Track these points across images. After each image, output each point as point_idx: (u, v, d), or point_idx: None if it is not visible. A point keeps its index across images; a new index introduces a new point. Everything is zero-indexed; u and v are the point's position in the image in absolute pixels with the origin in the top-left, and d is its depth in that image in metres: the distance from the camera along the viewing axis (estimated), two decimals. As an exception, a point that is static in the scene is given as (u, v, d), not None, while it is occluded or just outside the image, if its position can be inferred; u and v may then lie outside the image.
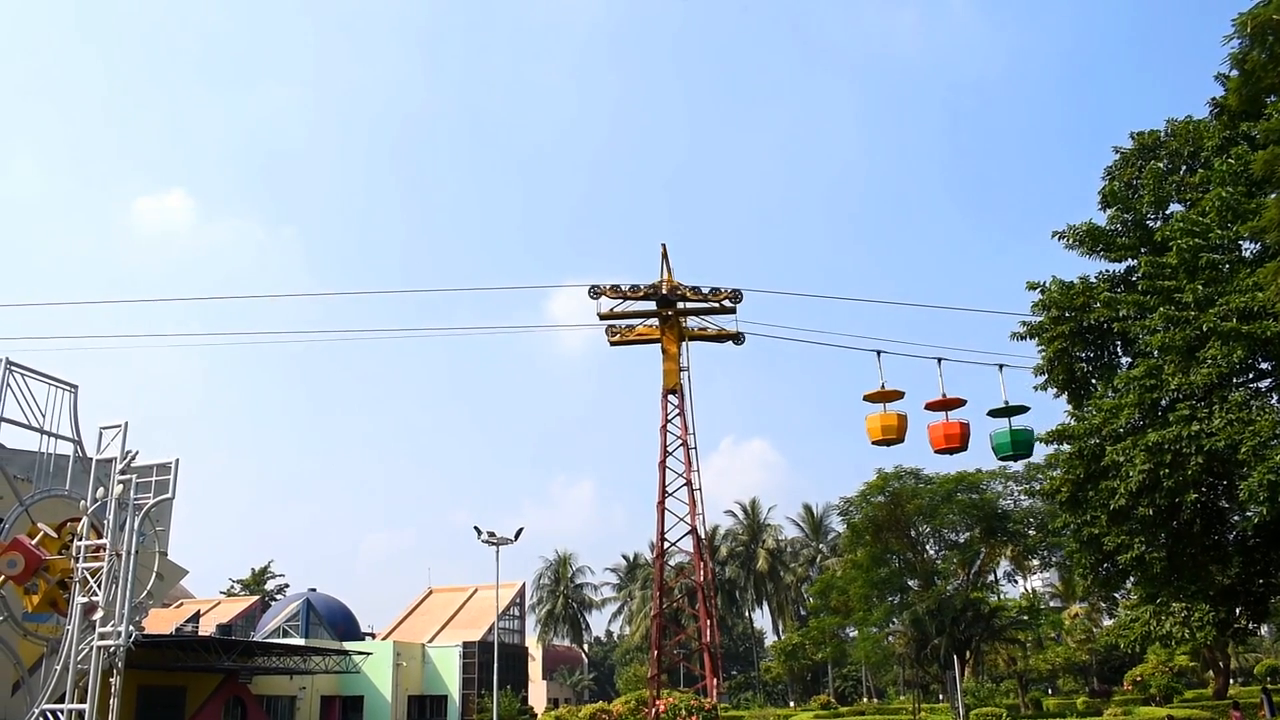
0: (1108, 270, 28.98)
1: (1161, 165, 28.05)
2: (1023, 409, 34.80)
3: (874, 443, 35.80)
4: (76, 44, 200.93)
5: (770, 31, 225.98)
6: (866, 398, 35.63)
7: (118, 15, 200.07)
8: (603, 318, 39.24)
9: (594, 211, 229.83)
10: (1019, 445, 34.41)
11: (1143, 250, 27.28)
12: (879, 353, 35.07)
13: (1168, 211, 27.84)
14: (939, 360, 34.93)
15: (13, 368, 25.84)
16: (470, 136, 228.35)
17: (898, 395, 35.45)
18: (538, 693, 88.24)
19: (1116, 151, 29.70)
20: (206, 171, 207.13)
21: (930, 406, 35.34)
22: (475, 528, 43.98)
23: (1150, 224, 27.96)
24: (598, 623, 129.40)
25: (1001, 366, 34.56)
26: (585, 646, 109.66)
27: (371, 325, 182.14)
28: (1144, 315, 25.04)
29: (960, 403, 35.03)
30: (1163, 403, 24.55)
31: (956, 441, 34.94)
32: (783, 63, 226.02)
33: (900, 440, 35.80)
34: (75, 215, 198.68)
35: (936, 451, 35.34)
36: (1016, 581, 71.50)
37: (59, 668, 23.30)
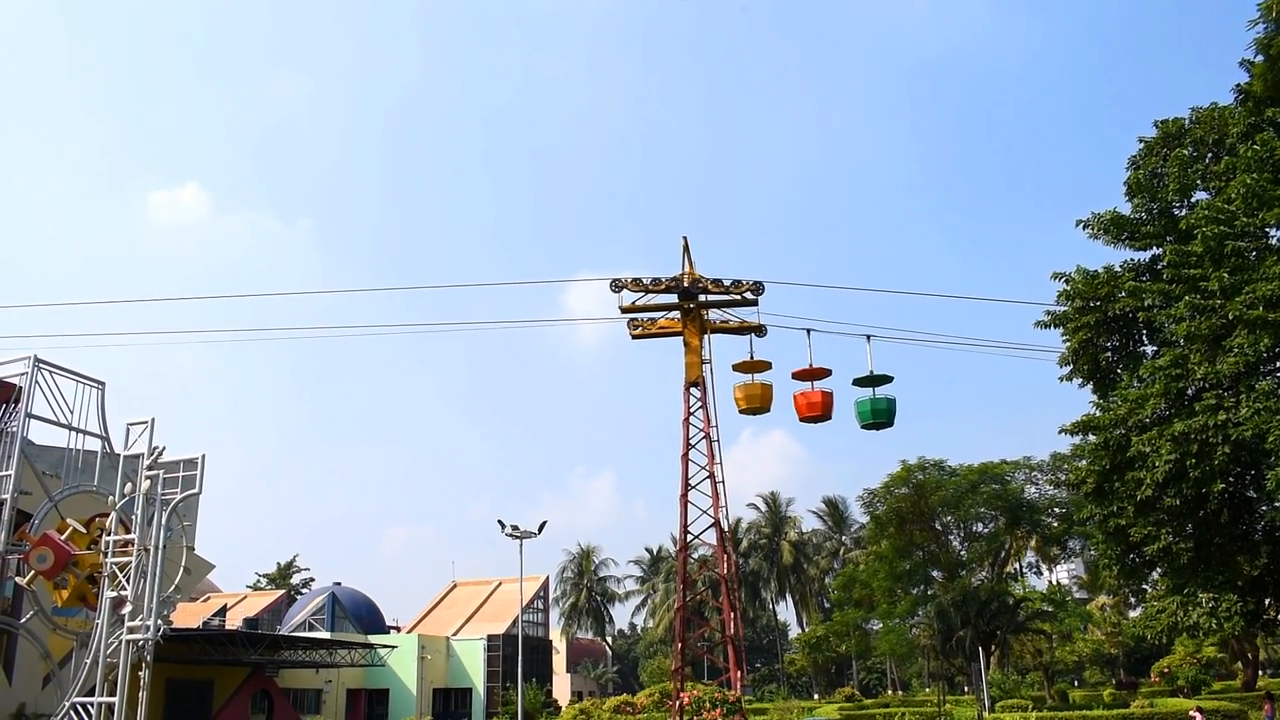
0: (1132, 259, 28.76)
1: (1186, 153, 27.74)
2: (886, 379, 36.24)
3: (741, 411, 37.09)
4: (82, 40, 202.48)
5: (782, 20, 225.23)
6: (735, 367, 37.19)
7: (121, 8, 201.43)
8: (624, 311, 39.12)
9: (606, 203, 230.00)
10: (878, 414, 35.84)
11: (1168, 238, 27.02)
12: (757, 328, 37.01)
13: (1193, 199, 27.57)
14: (808, 331, 36.65)
15: (41, 365, 26.12)
16: (483, 129, 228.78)
17: (765, 366, 36.89)
18: (562, 685, 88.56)
19: (1141, 141, 29.43)
20: (220, 165, 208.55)
21: (797, 376, 36.73)
22: (499, 521, 44.16)
23: (1175, 212, 27.69)
24: (621, 615, 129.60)
25: (869, 338, 36.13)
26: (609, 639, 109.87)
27: (389, 318, 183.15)
28: (1169, 304, 24.82)
29: (826, 373, 36.47)
30: (1189, 392, 24.35)
31: (818, 410, 36.20)
32: (795, 50, 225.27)
33: (765, 409, 37.08)
34: (90, 211, 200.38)
35: (801, 420, 36.70)
36: (1041, 573, 71.26)
37: (89, 661, 23.57)
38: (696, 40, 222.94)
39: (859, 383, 36.44)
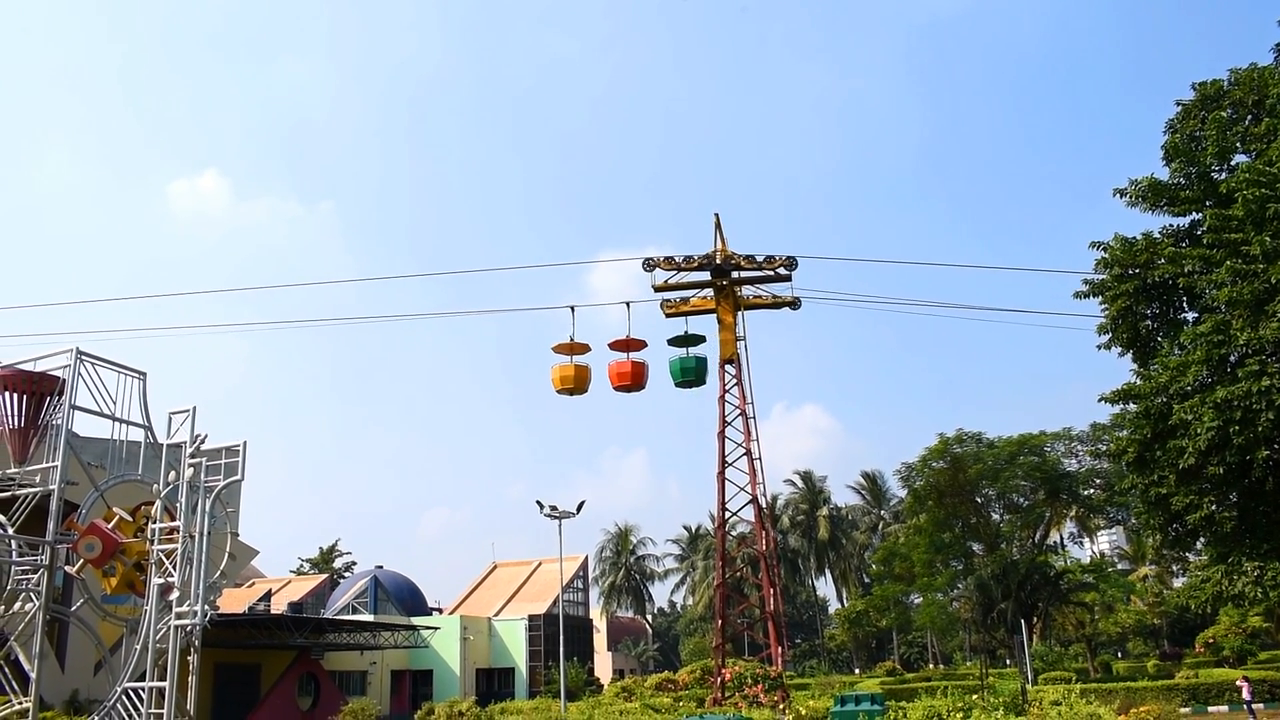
0: (1171, 225, 28.34)
1: (1225, 115, 27.22)
2: (699, 339, 38.19)
3: (558, 392, 37.71)
4: (95, 32, 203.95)
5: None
6: (555, 349, 37.68)
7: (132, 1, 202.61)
8: (657, 289, 39.11)
9: (628, 181, 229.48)
10: (687, 372, 37.81)
11: (1207, 203, 26.58)
12: (572, 308, 37.55)
13: (1233, 162, 27.08)
14: (628, 304, 38.05)
15: (83, 357, 26.44)
16: (504, 109, 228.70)
17: (584, 349, 37.53)
18: (603, 663, 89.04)
19: (1178, 104, 28.91)
20: (237, 150, 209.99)
21: (613, 346, 37.72)
22: (538, 502, 44.26)
23: (1215, 176, 27.22)
24: (660, 593, 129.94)
25: (689, 300, 37.98)
26: (649, 617, 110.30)
27: (417, 300, 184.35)
28: (1210, 270, 24.45)
29: (641, 344, 37.68)
30: (1231, 358, 24.03)
31: (628, 379, 37.25)
32: (817, 18, 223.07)
33: (582, 390, 37.69)
34: (112, 204, 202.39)
35: (615, 389, 37.57)
36: (1083, 544, 70.67)
37: (139, 647, 23.92)
38: (706, 15, 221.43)
39: (673, 342, 38.01)
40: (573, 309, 37.33)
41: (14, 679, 25.25)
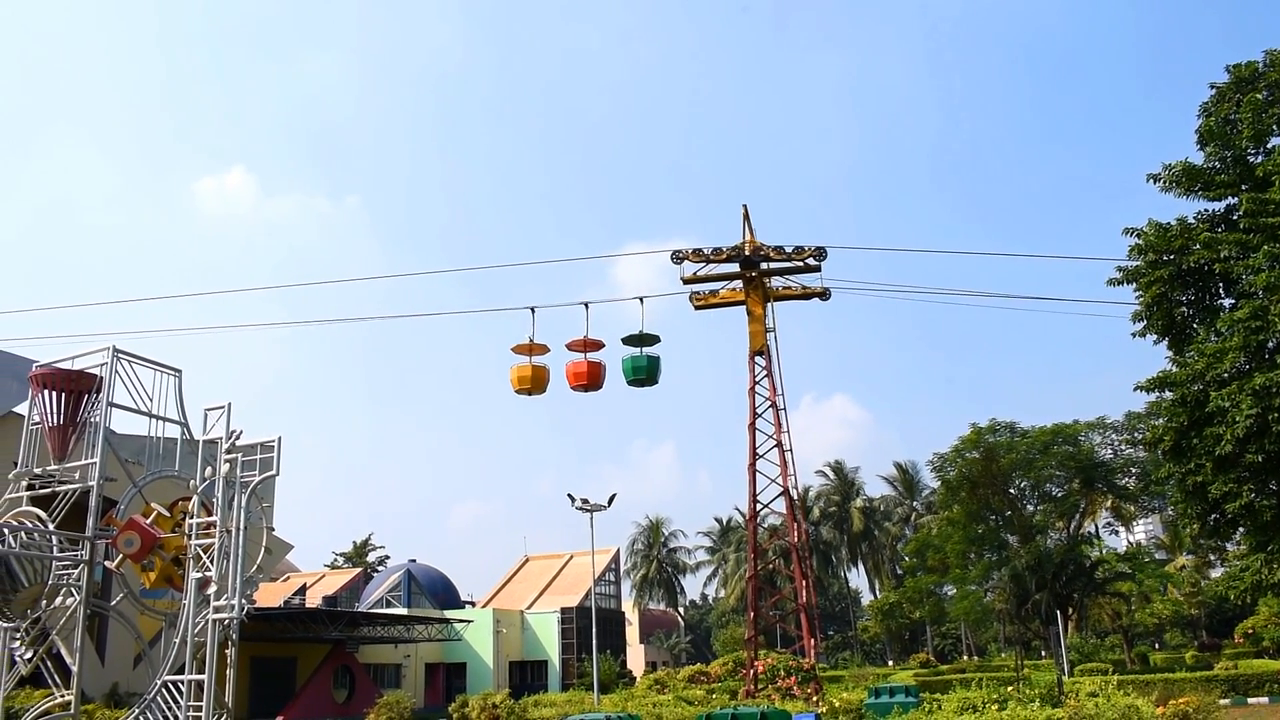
0: (1206, 210, 27.97)
1: (1260, 97, 26.81)
2: (654, 339, 37.72)
3: (516, 392, 37.51)
4: (123, 31, 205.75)
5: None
6: (514, 350, 37.40)
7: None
8: (686, 282, 39.08)
9: (649, 172, 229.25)
10: (638, 370, 37.38)
11: (1243, 187, 26.22)
12: (533, 309, 37.02)
13: (1269, 145, 26.69)
14: (586, 305, 37.37)
15: (120, 355, 26.74)
16: (529, 98, 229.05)
17: (543, 349, 37.28)
18: (635, 656, 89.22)
19: (1212, 87, 28.51)
20: (264, 147, 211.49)
21: (571, 347, 37.27)
22: (569, 495, 44.34)
23: (1250, 159, 26.84)
24: (692, 586, 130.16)
25: (643, 299, 37.93)
26: (680, 610, 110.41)
27: (443, 293, 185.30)
28: (1247, 254, 24.14)
29: (599, 345, 37.16)
30: (1269, 345, 23.74)
31: (585, 379, 36.87)
32: (834, 8, 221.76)
33: (539, 390, 37.44)
34: (142, 202, 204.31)
35: (572, 389, 37.29)
36: (1118, 533, 70.07)
37: (177, 641, 24.20)
38: (725, 5, 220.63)
39: (627, 341, 37.60)
40: (533, 310, 37.29)
41: (56, 672, 25.62)
